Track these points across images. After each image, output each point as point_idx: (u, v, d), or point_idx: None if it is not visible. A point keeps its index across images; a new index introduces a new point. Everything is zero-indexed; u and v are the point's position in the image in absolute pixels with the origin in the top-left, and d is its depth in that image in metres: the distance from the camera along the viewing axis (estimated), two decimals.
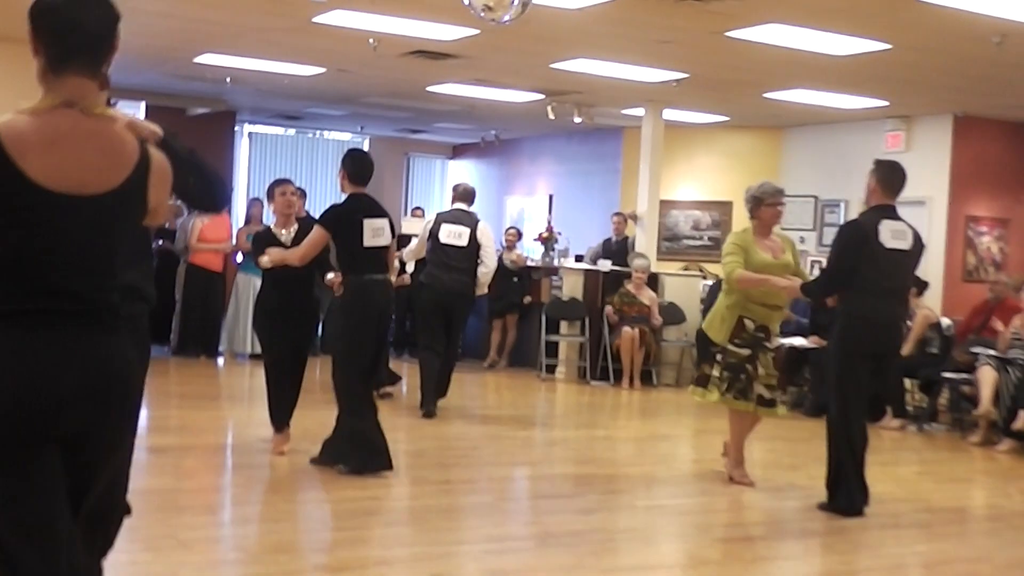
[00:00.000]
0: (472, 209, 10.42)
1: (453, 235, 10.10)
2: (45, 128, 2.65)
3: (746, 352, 7.30)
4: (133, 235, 2.90)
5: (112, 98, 4.55)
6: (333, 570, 5.08)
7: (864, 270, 6.63)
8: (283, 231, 7.62)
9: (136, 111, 17.14)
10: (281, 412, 7.56)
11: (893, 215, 6.76)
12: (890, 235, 6.65)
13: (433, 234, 10.11)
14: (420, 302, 10.44)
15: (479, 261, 10.11)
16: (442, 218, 10.25)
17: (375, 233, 7.13)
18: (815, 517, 6.74)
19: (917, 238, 6.82)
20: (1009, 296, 10.92)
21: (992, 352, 10.07)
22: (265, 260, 7.31)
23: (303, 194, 14.16)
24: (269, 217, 15.84)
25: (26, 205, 2.62)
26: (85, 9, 2.73)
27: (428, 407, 9.75)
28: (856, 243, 6.71)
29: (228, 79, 13.62)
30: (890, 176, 6.82)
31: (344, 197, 7.30)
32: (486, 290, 10.61)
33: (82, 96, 2.72)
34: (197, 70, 13.20)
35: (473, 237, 10.12)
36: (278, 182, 7.87)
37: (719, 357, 7.41)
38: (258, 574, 4.95)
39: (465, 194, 10.48)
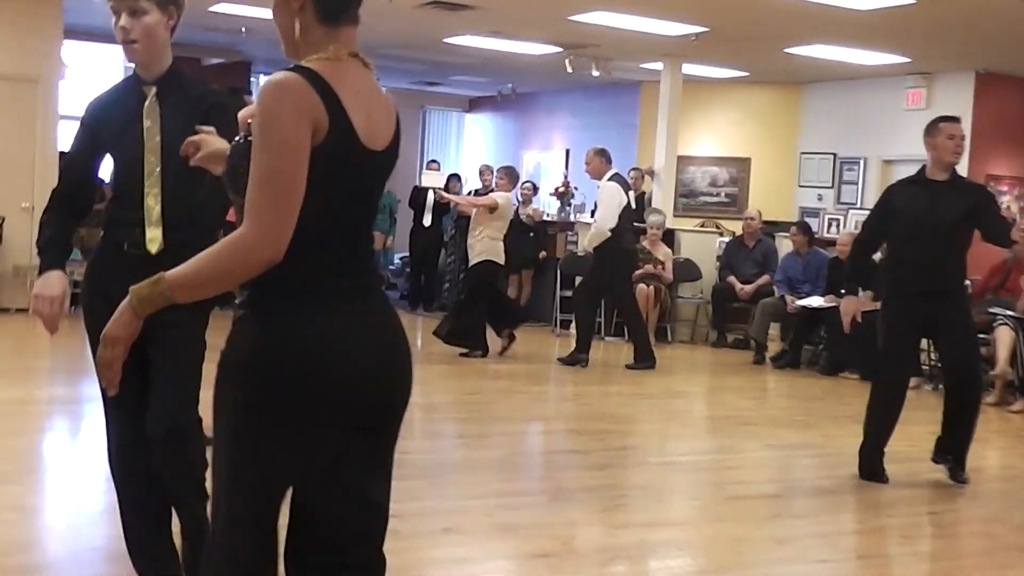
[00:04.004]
0: None
1: (631, 199, 10.82)
2: (349, 80, 2.41)
3: None
4: None
5: None
6: None
7: None
8: None
9: None
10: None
11: None
12: None
13: (626, 201, 10.60)
14: (627, 271, 11.03)
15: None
16: (624, 185, 10.70)
17: None
18: (829, 475, 6.71)
19: None
20: None
21: (1010, 312, 9.98)
22: None
23: None
24: None
25: (354, 164, 2.43)
26: None
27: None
28: None
29: (243, 29, 13.52)
30: None
31: None
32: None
33: (356, 46, 2.49)
34: (212, 20, 13.10)
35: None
36: None
37: None
38: None
39: (611, 158, 10.95)
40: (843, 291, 6.76)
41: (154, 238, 3.56)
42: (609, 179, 10.58)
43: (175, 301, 2.36)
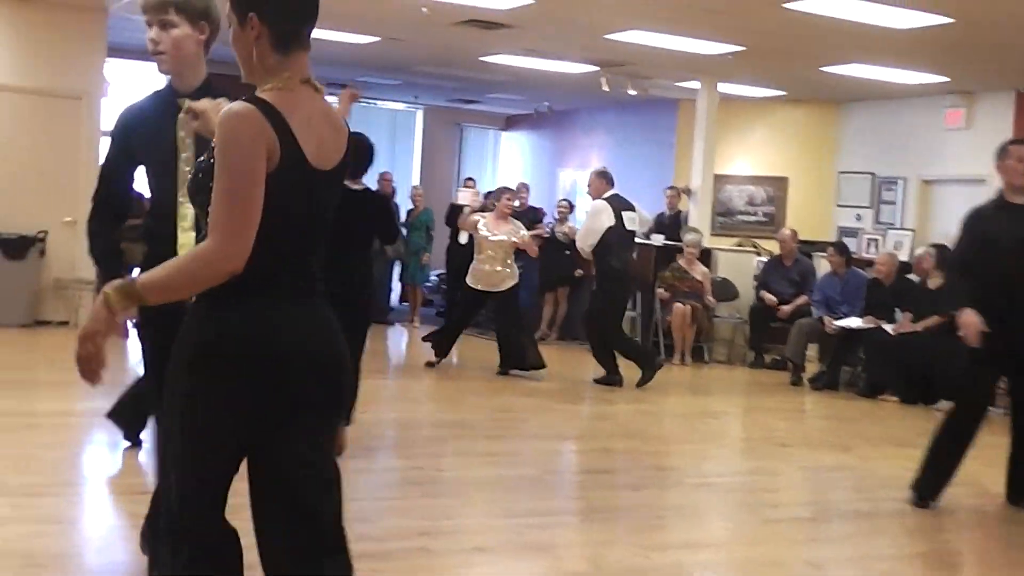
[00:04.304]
0: None
1: (632, 222, 10.58)
2: (302, 107, 2.70)
3: None
4: None
5: None
6: (376, 540, 5.05)
7: None
8: None
9: None
10: None
11: None
12: None
13: (617, 222, 10.34)
14: (622, 287, 10.69)
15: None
16: (619, 206, 10.46)
17: None
18: (866, 499, 6.65)
19: None
20: None
21: None
22: None
23: None
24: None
25: (304, 184, 2.71)
26: None
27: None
28: None
29: None
30: None
31: None
32: None
33: (307, 72, 2.77)
34: None
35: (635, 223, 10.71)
36: None
37: None
38: None
39: (613, 179, 10.78)
40: (953, 312, 6.57)
41: (185, 243, 3.60)
42: (605, 199, 10.51)
43: (146, 302, 2.64)
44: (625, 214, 10.49)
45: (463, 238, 14.53)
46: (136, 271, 3.68)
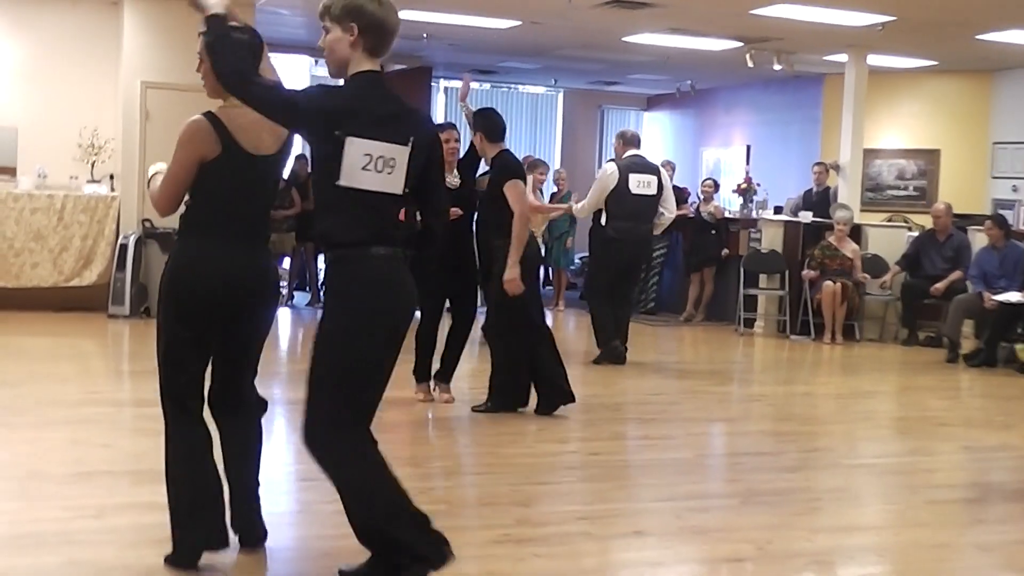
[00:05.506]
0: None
1: (643, 184, 9.88)
2: (243, 118, 3.99)
3: None
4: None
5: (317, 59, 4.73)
6: (535, 524, 5.09)
7: None
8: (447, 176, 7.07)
9: None
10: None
11: None
12: None
13: (621, 185, 9.82)
14: (610, 255, 9.97)
15: (660, 209, 10.03)
16: (628, 168, 9.88)
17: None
18: None
19: None
20: None
21: None
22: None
23: None
24: None
25: (244, 165, 4.04)
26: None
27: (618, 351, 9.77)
28: None
29: (425, 35, 13.74)
30: None
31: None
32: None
33: None
34: None
35: (660, 184, 9.97)
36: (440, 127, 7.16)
37: None
38: (460, 527, 4.96)
39: (637, 140, 10.32)
40: None
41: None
42: (622, 160, 9.98)
43: None
44: (633, 176, 9.84)
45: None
46: (287, 260, 4.80)
